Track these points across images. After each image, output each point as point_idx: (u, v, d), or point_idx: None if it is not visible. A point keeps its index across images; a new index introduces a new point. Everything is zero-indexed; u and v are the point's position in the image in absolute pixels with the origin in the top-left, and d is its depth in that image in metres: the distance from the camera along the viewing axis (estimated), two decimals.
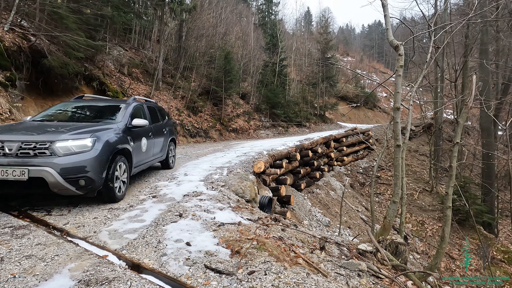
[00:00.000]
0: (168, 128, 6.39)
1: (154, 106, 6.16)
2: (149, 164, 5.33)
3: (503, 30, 12.35)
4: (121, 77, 12.24)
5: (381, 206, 11.81)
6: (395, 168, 4.43)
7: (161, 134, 5.86)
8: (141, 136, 4.76)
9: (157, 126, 5.73)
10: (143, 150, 4.83)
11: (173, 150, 6.76)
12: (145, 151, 4.94)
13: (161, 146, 5.86)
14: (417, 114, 20.07)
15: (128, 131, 4.36)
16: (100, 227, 3.11)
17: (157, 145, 5.59)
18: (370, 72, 46.09)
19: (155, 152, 5.50)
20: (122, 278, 2.11)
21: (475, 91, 4.95)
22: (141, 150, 4.75)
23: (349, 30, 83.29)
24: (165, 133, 6.08)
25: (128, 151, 4.23)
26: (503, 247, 10.23)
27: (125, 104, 4.83)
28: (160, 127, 5.90)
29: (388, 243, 3.46)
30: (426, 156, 16.50)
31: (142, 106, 5.33)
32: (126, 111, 4.63)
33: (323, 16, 35.65)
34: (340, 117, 28.63)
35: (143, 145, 4.79)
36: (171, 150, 6.58)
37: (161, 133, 5.83)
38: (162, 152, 5.95)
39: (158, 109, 6.35)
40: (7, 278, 2.08)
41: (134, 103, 5.03)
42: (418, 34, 8.07)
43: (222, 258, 2.47)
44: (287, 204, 7.56)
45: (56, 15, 8.14)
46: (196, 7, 15.43)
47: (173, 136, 6.71)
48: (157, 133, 5.59)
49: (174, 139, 6.85)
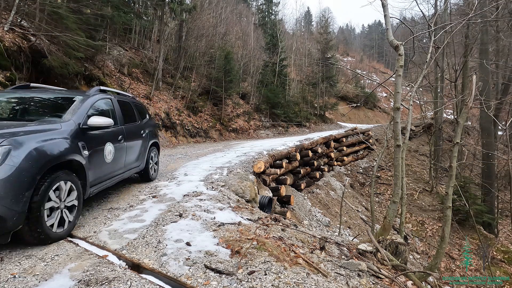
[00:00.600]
0: (149, 130, 5.20)
1: (130, 101, 4.91)
2: (119, 178, 4.09)
3: (503, 30, 12.35)
4: (121, 77, 12.23)
5: (381, 206, 11.81)
6: (395, 168, 4.43)
7: (138, 137, 4.69)
8: (105, 141, 3.54)
9: (133, 128, 4.54)
10: (108, 160, 3.59)
11: (156, 157, 5.61)
12: (112, 161, 3.70)
13: (138, 153, 4.65)
14: (417, 114, 20.08)
15: (81, 134, 3.09)
16: (100, 227, 3.11)
17: (132, 152, 4.40)
18: (370, 72, 46.11)
19: (128, 161, 4.29)
20: (122, 278, 2.11)
21: (475, 91, 4.95)
22: (104, 160, 3.51)
23: (349, 30, 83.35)
24: (143, 136, 4.89)
25: (79, 164, 2.95)
26: (503, 247, 10.23)
27: (81, 97, 3.51)
28: (137, 129, 4.71)
29: (388, 243, 3.46)
30: (426, 156, 16.50)
31: (111, 101, 4.08)
32: (81, 106, 3.32)
33: (323, 16, 35.72)
34: (340, 117, 28.64)
35: (107, 153, 3.56)
36: (153, 157, 5.41)
37: (138, 136, 4.66)
38: (139, 161, 4.75)
39: (136, 105, 5.11)
40: (7, 278, 2.08)
41: (97, 96, 3.73)
42: (418, 34, 8.07)
43: (222, 258, 2.47)
44: (287, 204, 7.56)
45: (56, 15, 8.13)
46: (196, 7, 15.43)
47: (155, 140, 5.54)
48: (132, 136, 4.41)
49: (157, 144, 5.72)
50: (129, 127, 4.39)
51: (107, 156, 3.57)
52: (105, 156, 3.53)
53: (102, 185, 3.61)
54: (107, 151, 3.57)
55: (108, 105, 4.00)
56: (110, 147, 3.64)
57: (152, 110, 11.85)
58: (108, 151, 3.61)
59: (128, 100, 4.84)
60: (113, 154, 3.71)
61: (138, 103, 5.38)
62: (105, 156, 3.53)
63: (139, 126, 4.86)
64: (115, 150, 3.76)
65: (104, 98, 3.95)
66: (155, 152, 5.58)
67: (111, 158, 3.68)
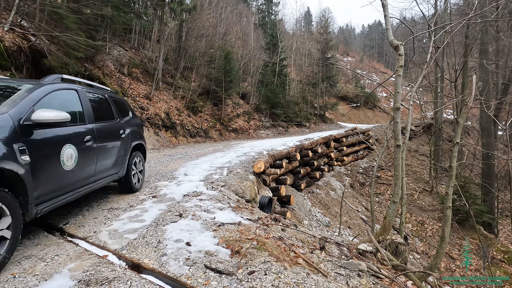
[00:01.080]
0: (131, 130, 4.45)
1: (106, 95, 4.14)
2: (88, 189, 3.32)
3: (503, 30, 12.35)
4: (121, 77, 12.23)
5: (381, 206, 11.81)
6: (395, 168, 4.43)
7: (116, 138, 3.96)
8: (62, 143, 2.80)
9: (108, 127, 3.82)
10: (68, 167, 2.84)
11: (141, 163, 4.79)
12: (75, 169, 2.95)
13: (115, 157, 3.91)
14: (417, 114, 20.08)
15: (21, 132, 2.37)
16: (100, 227, 3.11)
17: (106, 157, 3.67)
18: (370, 72, 46.12)
19: (101, 167, 3.55)
20: (122, 278, 2.11)
21: (475, 91, 4.95)
22: (61, 167, 2.77)
23: (349, 30, 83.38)
24: (123, 138, 4.15)
25: (13, 175, 2.23)
26: (503, 247, 10.23)
27: (30, 85, 2.79)
28: (114, 128, 3.99)
29: (388, 243, 3.46)
30: (426, 156, 16.50)
31: (76, 93, 3.31)
32: (26, 96, 2.59)
33: (323, 16, 35.83)
34: (340, 117, 28.65)
35: (66, 159, 2.81)
36: (137, 163, 4.61)
37: (115, 137, 3.95)
38: (117, 167, 3.99)
39: (114, 100, 4.34)
40: (7, 278, 2.08)
41: (53, 86, 2.97)
42: (418, 34, 8.07)
43: (222, 258, 2.47)
44: (287, 204, 7.56)
45: (56, 15, 8.14)
46: (196, 7, 15.44)
47: (140, 142, 4.77)
48: (107, 137, 3.70)
49: (143, 146, 4.91)
50: (103, 126, 3.65)
51: (66, 162, 2.81)
52: (62, 162, 2.77)
53: (61, 200, 2.80)
54: (66, 156, 2.81)
55: (71, 98, 3.23)
56: (70, 151, 2.88)
57: (152, 110, 11.85)
58: (68, 155, 2.85)
59: (103, 93, 4.08)
60: (75, 160, 2.95)
61: (118, 98, 4.59)
62: (63, 162, 2.78)
63: (117, 125, 4.11)
64: (79, 154, 3.00)
65: (65, 89, 3.17)
66: (140, 157, 4.77)
67: (73, 164, 2.92)
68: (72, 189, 3.01)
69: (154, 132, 11.52)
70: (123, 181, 4.28)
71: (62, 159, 2.78)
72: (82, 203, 3.86)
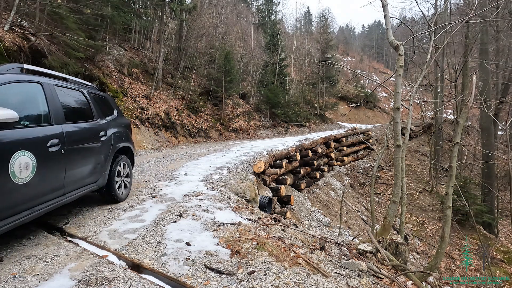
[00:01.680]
0: (115, 132, 3.90)
1: (84, 91, 3.59)
2: (53, 205, 2.71)
3: (503, 30, 12.35)
4: (121, 77, 12.23)
5: (381, 206, 11.81)
6: (395, 168, 4.43)
7: (93, 141, 3.41)
8: (10, 150, 2.23)
9: (83, 128, 3.29)
10: (21, 180, 2.28)
11: (127, 169, 4.19)
12: (33, 181, 2.40)
13: (93, 164, 3.36)
14: (417, 114, 20.07)
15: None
16: (100, 227, 3.11)
17: (80, 163, 3.12)
18: (370, 72, 46.12)
19: (73, 177, 2.99)
20: (122, 278, 2.11)
21: (475, 91, 4.95)
22: (9, 180, 2.19)
23: (349, 30, 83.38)
24: (104, 140, 3.60)
25: None
26: (503, 247, 10.23)
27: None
28: (92, 130, 3.45)
29: (388, 243, 3.46)
30: (426, 156, 16.50)
31: (41, 87, 2.76)
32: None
33: (323, 16, 35.80)
34: (340, 117, 28.64)
35: (18, 169, 2.25)
36: (120, 170, 3.99)
37: (92, 139, 3.40)
38: (95, 175, 3.44)
39: (95, 97, 3.79)
40: (7, 278, 2.08)
41: (7, 76, 2.46)
42: (418, 34, 8.07)
43: (222, 258, 2.47)
44: (287, 204, 7.56)
45: (56, 15, 8.14)
46: (196, 7, 15.44)
47: (126, 144, 4.16)
48: (81, 139, 3.16)
49: (130, 150, 4.32)
50: (77, 128, 3.12)
51: (17, 174, 2.23)
52: (12, 174, 2.18)
53: (11, 222, 2.23)
54: (18, 166, 2.22)
55: (32, 93, 2.66)
56: (25, 159, 2.30)
57: (152, 110, 11.85)
58: (21, 165, 2.26)
59: (81, 88, 3.50)
60: (33, 170, 2.37)
61: (100, 94, 4.02)
62: (13, 174, 2.19)
63: (97, 126, 3.55)
64: (39, 163, 2.43)
65: (24, 81, 2.61)
66: (127, 162, 4.14)
67: (29, 176, 2.33)
68: (28, 207, 2.40)
69: (154, 132, 11.52)
70: (104, 190, 3.71)
71: (12, 170, 2.19)
72: (82, 203, 3.86)
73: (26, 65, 2.78)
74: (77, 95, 3.43)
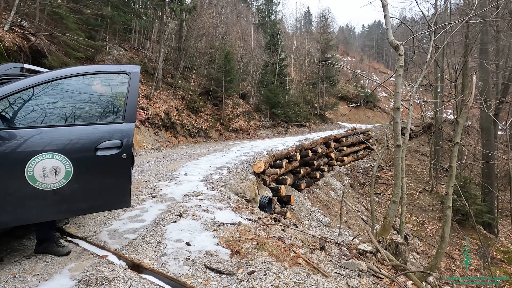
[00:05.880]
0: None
1: None
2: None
3: (503, 30, 12.34)
4: None
5: (381, 206, 11.81)
6: (395, 168, 4.43)
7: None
8: None
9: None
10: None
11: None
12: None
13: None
14: (417, 114, 20.09)
15: None
16: (100, 227, 3.11)
17: None
18: (370, 72, 46.09)
19: None
20: (122, 278, 2.11)
21: (475, 91, 4.95)
22: None
23: (349, 30, 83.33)
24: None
25: None
26: (503, 247, 10.23)
27: None
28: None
29: (388, 243, 3.46)
30: (426, 156, 16.50)
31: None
32: None
33: (323, 16, 35.76)
34: (340, 117, 28.64)
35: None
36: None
37: None
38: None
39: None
40: (7, 278, 2.08)
41: None
42: (418, 34, 8.07)
43: (222, 258, 2.47)
44: (287, 204, 7.56)
45: (56, 15, 8.15)
46: (196, 7, 15.44)
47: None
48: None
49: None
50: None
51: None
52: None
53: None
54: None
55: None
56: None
57: (152, 110, 11.85)
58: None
59: None
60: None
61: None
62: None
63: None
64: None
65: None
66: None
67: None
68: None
69: (154, 132, 11.52)
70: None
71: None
72: None
73: (26, 65, 2.68)
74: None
